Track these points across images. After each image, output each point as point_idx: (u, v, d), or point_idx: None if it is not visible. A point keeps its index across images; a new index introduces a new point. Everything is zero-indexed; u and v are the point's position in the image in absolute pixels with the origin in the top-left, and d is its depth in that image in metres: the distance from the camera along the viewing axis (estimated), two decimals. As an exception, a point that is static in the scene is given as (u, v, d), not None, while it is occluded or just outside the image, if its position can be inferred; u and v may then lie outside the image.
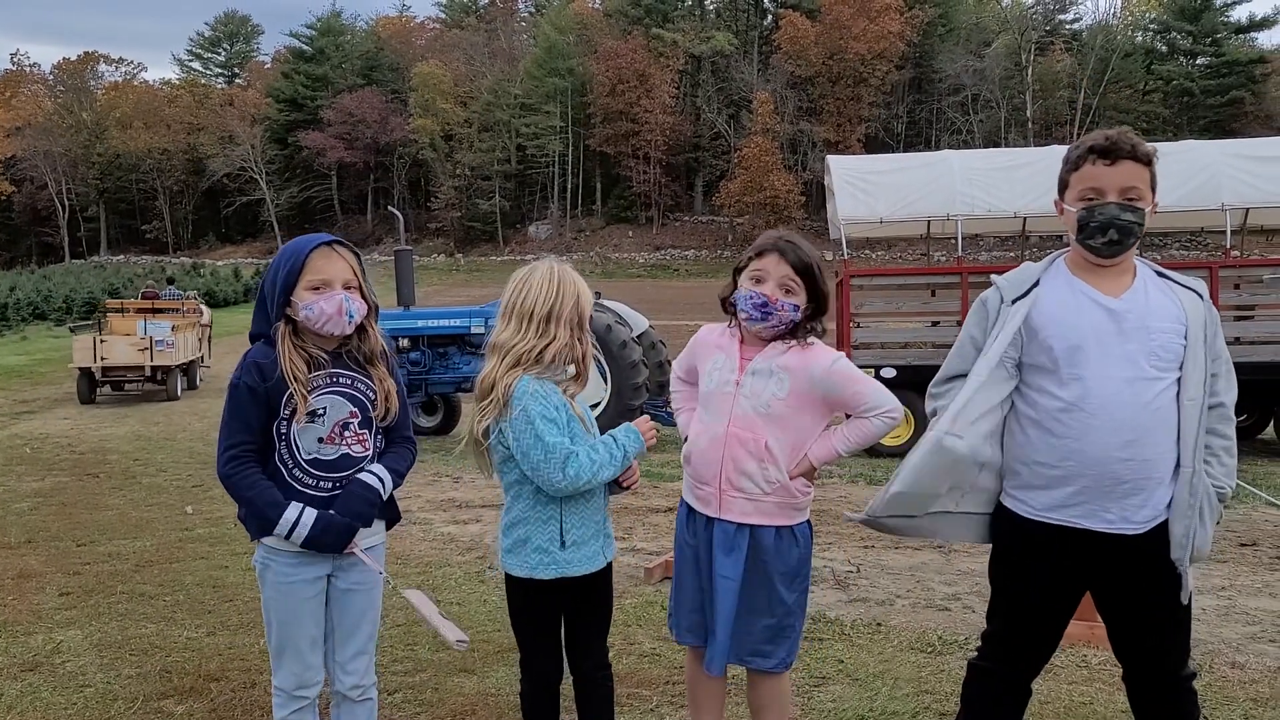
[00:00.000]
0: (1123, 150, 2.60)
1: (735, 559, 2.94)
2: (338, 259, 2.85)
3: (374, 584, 2.98)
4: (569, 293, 2.91)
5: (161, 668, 4.43)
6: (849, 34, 63.10)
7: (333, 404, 2.85)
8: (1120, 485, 2.59)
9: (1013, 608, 2.79)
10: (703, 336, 3.16)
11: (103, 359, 16.54)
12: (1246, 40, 68.34)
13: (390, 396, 2.94)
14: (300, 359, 2.81)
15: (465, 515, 7.89)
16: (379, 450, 2.99)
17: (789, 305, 2.90)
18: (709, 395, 3.03)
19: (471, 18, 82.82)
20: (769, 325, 2.92)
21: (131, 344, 16.77)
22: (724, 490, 2.95)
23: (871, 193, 11.96)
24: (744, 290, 2.94)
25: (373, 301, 2.94)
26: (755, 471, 2.93)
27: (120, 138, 78.76)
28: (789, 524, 2.97)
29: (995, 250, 36.33)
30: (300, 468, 2.84)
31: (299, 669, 2.90)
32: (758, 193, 60.34)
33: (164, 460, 10.75)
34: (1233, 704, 3.96)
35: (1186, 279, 2.74)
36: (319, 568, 2.89)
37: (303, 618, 2.88)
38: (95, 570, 6.21)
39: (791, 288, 2.91)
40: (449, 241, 70.52)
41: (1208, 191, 11.17)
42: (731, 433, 2.94)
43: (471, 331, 12.60)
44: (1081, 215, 2.64)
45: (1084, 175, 2.65)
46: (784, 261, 2.91)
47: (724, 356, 3.03)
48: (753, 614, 2.95)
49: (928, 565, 6.22)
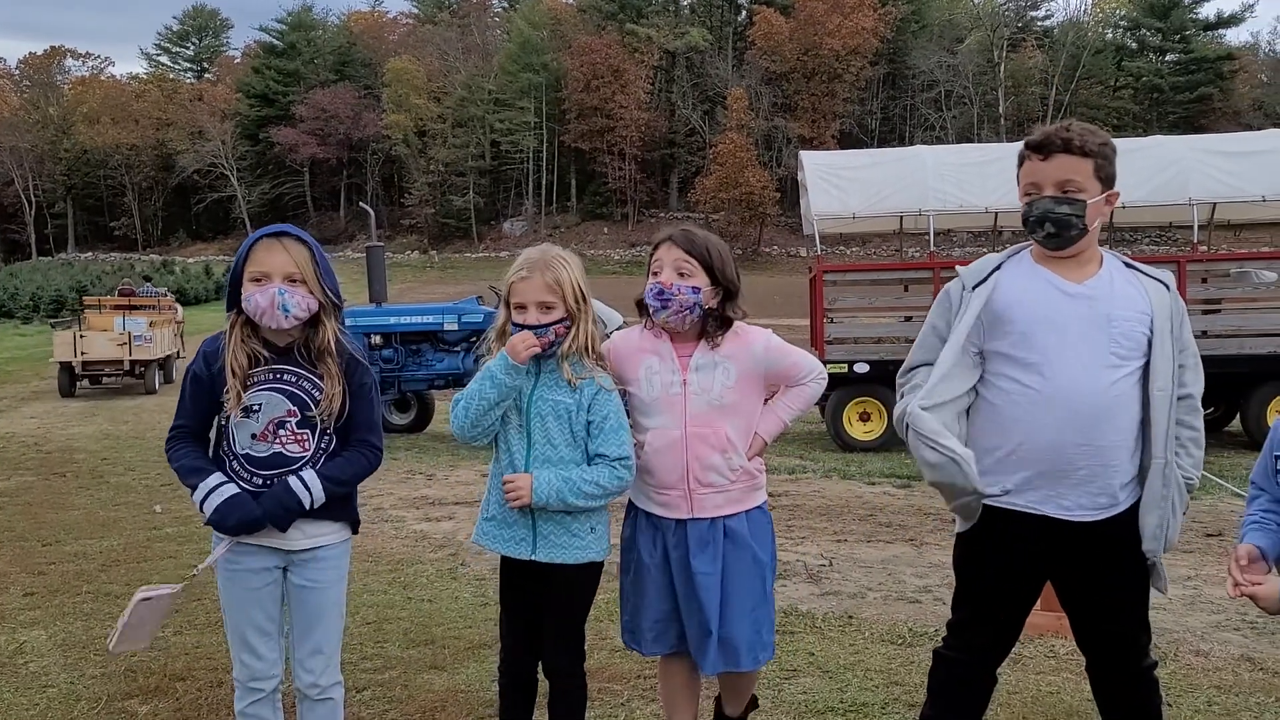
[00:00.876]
0: (1055, 145, 2.62)
1: (712, 553, 2.94)
2: (280, 251, 2.77)
3: (330, 583, 2.92)
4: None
5: (126, 668, 4.38)
6: (823, 30, 63.30)
7: (269, 401, 2.80)
8: (1076, 471, 2.60)
9: (975, 595, 2.80)
10: (619, 345, 3.08)
11: (83, 354, 17.03)
12: (1214, 37, 69.18)
13: (334, 398, 2.80)
14: (243, 352, 2.77)
15: (438, 513, 7.86)
16: (328, 451, 2.87)
17: (686, 288, 2.90)
18: (653, 401, 2.98)
19: (445, 13, 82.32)
20: (672, 311, 2.91)
21: (111, 339, 17.24)
22: (693, 490, 2.94)
23: (845, 188, 12.00)
24: (647, 285, 2.97)
25: (328, 298, 2.83)
26: (720, 464, 2.94)
27: (88, 133, 77.75)
28: (755, 505, 3.02)
29: (968, 245, 36.60)
30: (237, 460, 2.82)
31: (249, 659, 2.88)
32: (733, 189, 60.43)
33: (132, 459, 10.64)
34: (1197, 691, 4.00)
35: (1154, 270, 2.75)
36: (267, 558, 2.86)
37: (249, 608, 2.86)
38: (60, 570, 6.14)
39: (686, 270, 2.92)
40: (423, 238, 70.19)
41: (1176, 187, 11.29)
42: (691, 432, 2.94)
43: (444, 328, 12.56)
44: (1023, 210, 2.69)
45: (1025, 171, 2.69)
46: (675, 247, 2.95)
47: (657, 359, 2.99)
48: (735, 607, 2.95)
49: (900, 558, 6.26)
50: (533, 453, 2.90)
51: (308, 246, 2.83)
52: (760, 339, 3.00)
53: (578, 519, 2.92)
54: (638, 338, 3.06)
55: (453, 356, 12.58)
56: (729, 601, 2.95)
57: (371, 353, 12.25)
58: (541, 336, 2.84)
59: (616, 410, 2.91)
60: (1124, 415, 2.61)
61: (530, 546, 2.92)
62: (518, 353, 2.81)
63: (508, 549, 2.94)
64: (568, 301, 2.87)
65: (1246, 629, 4.82)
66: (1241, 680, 4.12)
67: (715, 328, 2.96)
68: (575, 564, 2.93)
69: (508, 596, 3.04)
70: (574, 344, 2.88)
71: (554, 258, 2.90)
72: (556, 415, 2.88)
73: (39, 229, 79.09)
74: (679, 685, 3.18)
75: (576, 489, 2.84)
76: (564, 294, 2.86)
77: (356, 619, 4.87)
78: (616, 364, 3.04)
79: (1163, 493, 2.60)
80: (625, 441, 2.89)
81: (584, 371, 2.90)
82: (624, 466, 2.88)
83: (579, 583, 2.98)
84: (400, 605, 5.31)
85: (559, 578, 2.94)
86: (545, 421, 2.89)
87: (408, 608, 5.27)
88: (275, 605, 2.91)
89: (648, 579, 3.03)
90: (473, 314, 12.65)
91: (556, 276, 2.86)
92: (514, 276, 2.89)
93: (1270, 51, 75.08)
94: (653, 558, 3.02)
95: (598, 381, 2.90)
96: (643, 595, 3.04)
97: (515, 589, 3.01)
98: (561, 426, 2.89)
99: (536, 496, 2.83)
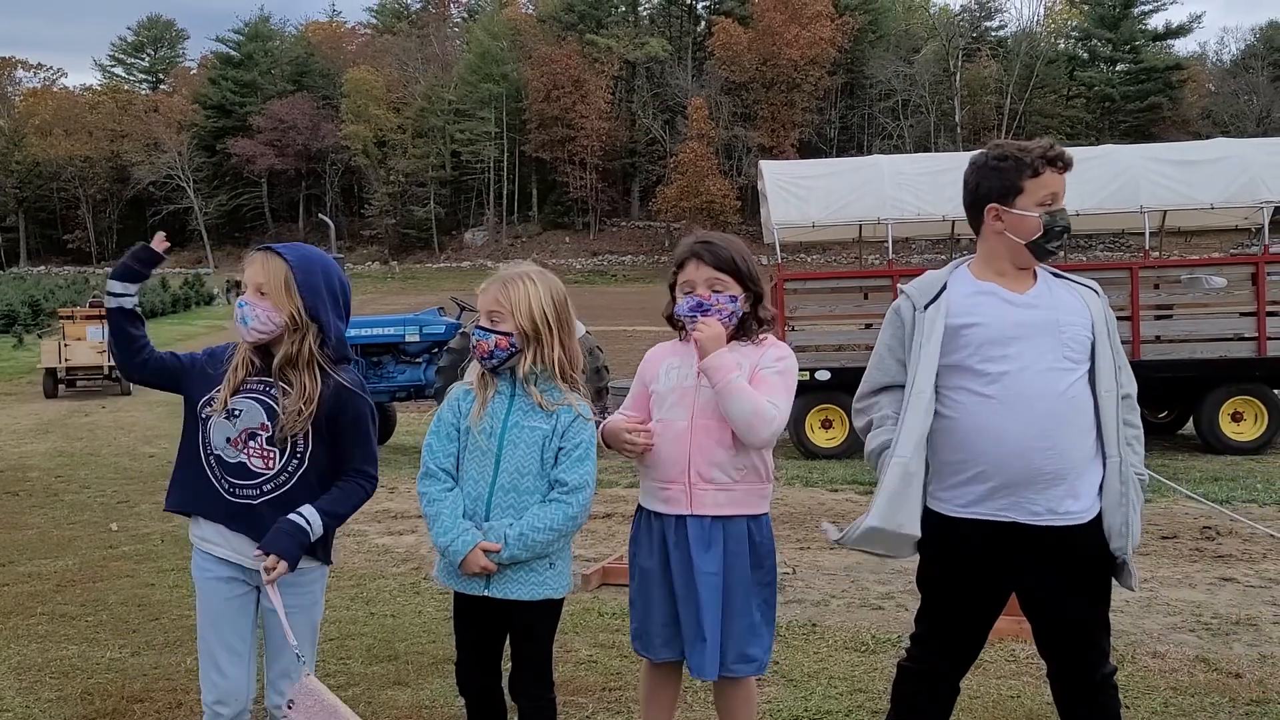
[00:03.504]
0: (1069, 160, 2.78)
1: (715, 553, 2.92)
2: (258, 265, 2.82)
3: (299, 609, 2.87)
4: None
5: (83, 690, 4.30)
6: (782, 40, 63.86)
7: (249, 409, 2.80)
8: (1041, 476, 2.65)
9: (940, 609, 2.83)
10: (653, 353, 3.16)
11: (66, 360, 19.49)
12: (1164, 48, 70.64)
13: (293, 416, 2.75)
14: (243, 359, 2.83)
15: (400, 526, 7.80)
16: (294, 476, 2.83)
17: (724, 298, 2.94)
18: (666, 393, 3.01)
19: (403, 23, 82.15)
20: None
21: (91, 347, 19.47)
22: (694, 484, 2.93)
23: (804, 197, 12.07)
24: (682, 300, 2.98)
25: (299, 315, 2.79)
26: (725, 460, 2.93)
27: (40, 145, 76.55)
28: (758, 514, 3.00)
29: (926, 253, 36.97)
30: (212, 457, 2.83)
31: (216, 678, 2.83)
32: (694, 198, 60.77)
33: (87, 476, 10.45)
34: (1154, 693, 4.07)
35: (1082, 278, 2.87)
36: (235, 571, 2.83)
37: (220, 623, 2.83)
38: (14, 591, 6.01)
39: (719, 286, 2.95)
40: (383, 249, 69.82)
41: (1127, 194, 11.47)
42: (698, 425, 2.94)
43: (406, 340, 12.47)
44: (1047, 220, 2.73)
45: (1045, 182, 2.73)
46: (703, 265, 2.96)
47: (679, 359, 3.04)
48: (731, 614, 2.95)
49: (862, 565, 6.30)
50: (498, 481, 2.85)
51: (285, 261, 2.81)
52: (775, 354, 2.99)
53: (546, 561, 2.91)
54: (670, 346, 3.12)
55: (414, 368, 12.49)
56: (729, 605, 2.93)
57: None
58: (481, 340, 2.86)
59: (589, 440, 2.88)
60: (1082, 417, 2.68)
61: (483, 583, 2.86)
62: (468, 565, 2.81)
63: (461, 585, 2.90)
64: (518, 319, 2.83)
65: (1202, 630, 4.91)
66: (1197, 681, 4.19)
67: (755, 329, 2.99)
68: (530, 600, 2.87)
69: (461, 629, 3.00)
70: (534, 366, 2.85)
71: (518, 275, 2.90)
72: (530, 443, 2.85)
73: (-10, 242, 77.72)
74: (661, 689, 3.14)
75: (529, 542, 2.80)
76: (513, 309, 2.83)
77: (319, 635, 4.82)
78: (644, 368, 3.13)
79: (1121, 489, 2.67)
80: (588, 472, 2.86)
81: (561, 398, 2.88)
82: (577, 498, 2.83)
83: (538, 618, 2.92)
84: (363, 621, 5.27)
85: (517, 612, 2.89)
86: (517, 449, 2.85)
87: (370, 623, 5.22)
88: (248, 624, 2.87)
89: (650, 583, 3.01)
90: (434, 325, 12.58)
91: (511, 293, 2.85)
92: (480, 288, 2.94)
93: (1218, 61, 76.75)
94: (651, 559, 3.00)
95: (575, 409, 2.88)
96: (648, 600, 3.02)
97: (467, 621, 2.97)
98: (532, 455, 2.85)
99: (501, 559, 2.82)
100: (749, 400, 2.85)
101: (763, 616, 3.02)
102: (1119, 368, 2.75)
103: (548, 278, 2.94)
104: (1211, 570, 6.04)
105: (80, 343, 19.61)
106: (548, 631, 2.98)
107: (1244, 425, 10.81)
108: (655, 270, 59.53)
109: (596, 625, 5.05)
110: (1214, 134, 43.90)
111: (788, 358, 3.00)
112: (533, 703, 2.95)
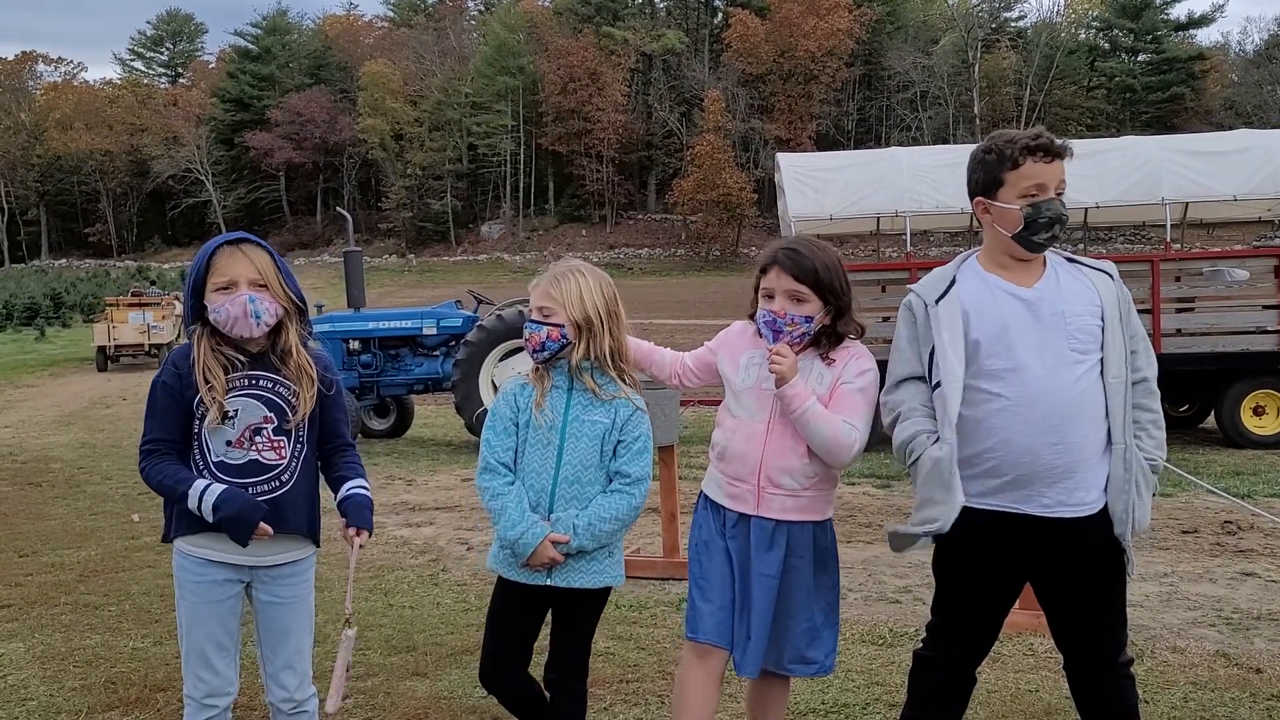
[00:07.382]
0: (1056, 148, 2.70)
1: (774, 556, 2.90)
2: (242, 258, 2.76)
3: (298, 598, 2.90)
4: None
5: (106, 679, 4.35)
6: (799, 31, 63.53)
7: (246, 407, 2.78)
8: (1052, 470, 2.64)
9: (954, 597, 2.83)
10: (736, 333, 3.10)
11: (115, 339, 24.08)
12: (1186, 38, 69.93)
13: (307, 401, 2.82)
14: (216, 362, 2.75)
15: (418, 518, 7.84)
16: (302, 459, 2.86)
17: (799, 318, 2.87)
18: (745, 391, 2.98)
19: (420, 16, 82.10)
20: (784, 340, 2.89)
21: (134, 328, 24.26)
22: (763, 487, 2.91)
23: (821, 190, 12.05)
24: (759, 310, 2.94)
25: (292, 304, 2.83)
26: (798, 467, 2.90)
27: (60, 139, 76.91)
28: (822, 519, 2.98)
29: (944, 245, 36.77)
30: (210, 470, 2.78)
31: (207, 675, 2.83)
32: (710, 190, 60.50)
33: (109, 468, 10.54)
34: (1173, 687, 4.05)
35: (1097, 262, 2.83)
36: (229, 572, 2.83)
37: (210, 622, 2.83)
38: (38, 581, 6.08)
39: (800, 296, 2.88)
40: (400, 242, 69.92)
41: (1148, 186, 11.39)
42: (775, 430, 2.91)
43: (423, 333, 12.51)
44: (1028, 212, 2.68)
45: (1026, 173, 2.70)
46: (784, 274, 2.89)
47: (760, 356, 2.96)
48: (790, 616, 2.93)
49: (880, 559, 6.29)
50: (561, 474, 2.91)
51: (267, 251, 2.84)
52: (857, 368, 2.92)
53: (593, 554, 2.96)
54: (752, 334, 3.05)
55: (432, 361, 12.53)
56: (787, 608, 2.91)
57: (350, 358, 12.21)
58: (533, 333, 2.91)
59: (647, 433, 2.96)
60: (1092, 408, 2.66)
61: (545, 573, 2.91)
62: (537, 556, 2.85)
63: (522, 576, 2.92)
64: (570, 311, 2.89)
65: (1222, 625, 4.88)
66: (1217, 676, 4.17)
67: (829, 343, 2.93)
68: (589, 589, 2.93)
69: (501, 621, 3.01)
70: (587, 357, 2.90)
71: (568, 270, 2.96)
72: (591, 436, 2.91)
73: (11, 236, 78.32)
74: (701, 682, 2.95)
75: (596, 532, 2.87)
76: (565, 303, 2.89)
77: (336, 627, 4.85)
78: (722, 347, 3.09)
79: (1125, 476, 2.65)
80: (648, 464, 2.95)
81: (616, 390, 2.93)
82: (640, 489, 2.92)
83: (589, 605, 2.99)
84: (381, 612, 5.30)
85: (569, 600, 2.94)
86: (579, 442, 2.91)
87: (389, 615, 5.25)
88: (235, 620, 2.88)
89: (713, 565, 2.95)
90: (451, 318, 12.61)
91: (562, 286, 2.91)
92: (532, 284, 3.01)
93: (1240, 51, 75.92)
94: (715, 541, 2.96)
95: (633, 403, 2.94)
96: (708, 581, 2.95)
97: (510, 614, 3.00)
98: (594, 448, 2.91)
99: (570, 549, 2.88)
100: (827, 428, 2.83)
101: (826, 619, 2.99)
102: (1134, 352, 2.72)
103: (597, 272, 3.00)
104: (1233, 565, 6.00)
105: (125, 325, 24.20)
106: (595, 620, 3.04)
107: (1266, 419, 10.72)
108: (671, 263, 59.54)
109: (614, 618, 5.06)
110: (1236, 125, 43.51)
111: (870, 371, 2.93)
112: (567, 694, 2.99)
